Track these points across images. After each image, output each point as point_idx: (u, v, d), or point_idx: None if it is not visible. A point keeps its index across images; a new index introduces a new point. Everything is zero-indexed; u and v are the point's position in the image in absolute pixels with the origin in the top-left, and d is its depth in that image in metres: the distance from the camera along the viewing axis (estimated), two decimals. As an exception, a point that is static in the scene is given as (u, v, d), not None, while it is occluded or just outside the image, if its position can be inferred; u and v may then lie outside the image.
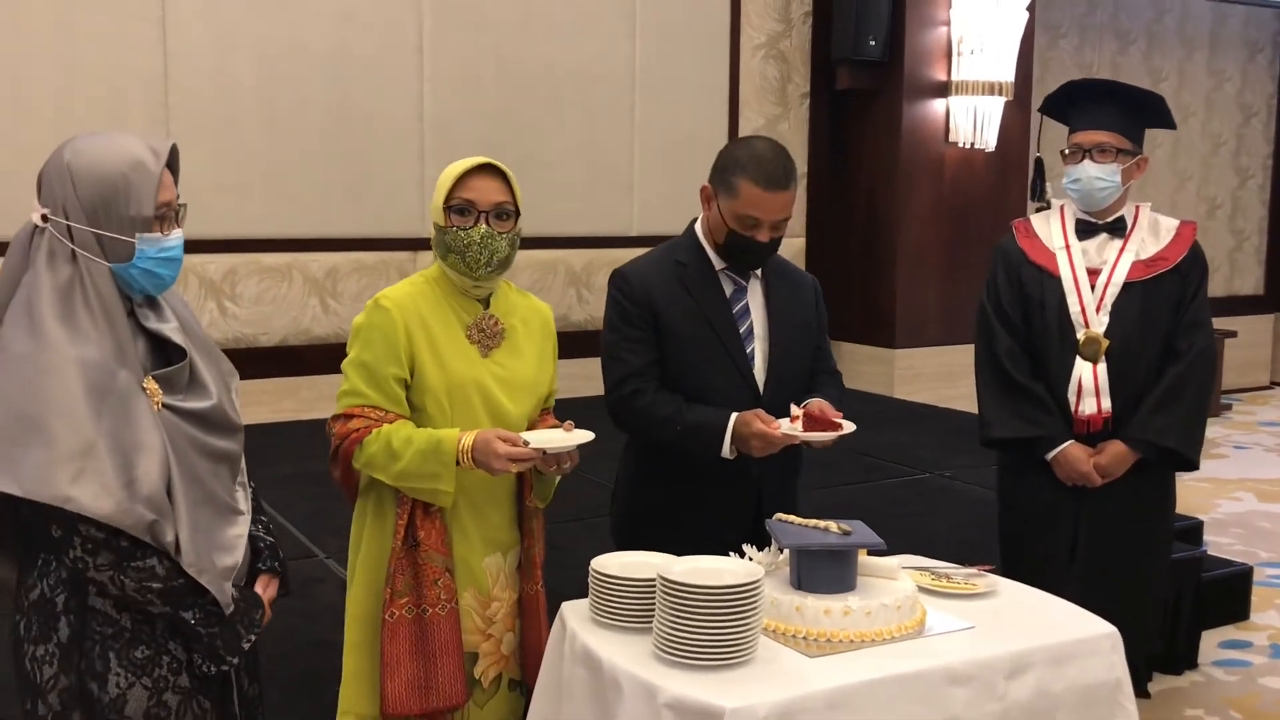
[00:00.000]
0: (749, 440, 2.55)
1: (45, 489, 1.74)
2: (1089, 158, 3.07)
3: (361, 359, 2.33)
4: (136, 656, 1.87)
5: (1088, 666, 2.22)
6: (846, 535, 2.23)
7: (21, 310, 1.82)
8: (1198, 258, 3.17)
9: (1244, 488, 6.73)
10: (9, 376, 1.78)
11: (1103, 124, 3.07)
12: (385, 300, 2.35)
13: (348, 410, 2.33)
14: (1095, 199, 3.10)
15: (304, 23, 6.08)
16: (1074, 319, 3.09)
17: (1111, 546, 3.10)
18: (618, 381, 2.66)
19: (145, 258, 1.88)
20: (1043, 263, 3.15)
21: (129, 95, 5.69)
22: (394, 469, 2.28)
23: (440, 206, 2.35)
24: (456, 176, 2.34)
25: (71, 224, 1.85)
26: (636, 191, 7.06)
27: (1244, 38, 9.81)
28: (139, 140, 1.90)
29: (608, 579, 2.17)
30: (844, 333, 7.73)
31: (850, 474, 5.18)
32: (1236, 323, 9.46)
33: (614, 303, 2.70)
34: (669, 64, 7.06)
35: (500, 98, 6.57)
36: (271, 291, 6.13)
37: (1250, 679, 4.14)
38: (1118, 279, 3.09)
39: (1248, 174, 10.07)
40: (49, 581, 1.86)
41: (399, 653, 2.30)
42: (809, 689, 1.96)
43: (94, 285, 1.84)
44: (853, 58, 7.24)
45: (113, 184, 1.85)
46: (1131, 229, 3.15)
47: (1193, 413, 3.08)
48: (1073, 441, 3.07)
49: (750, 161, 2.57)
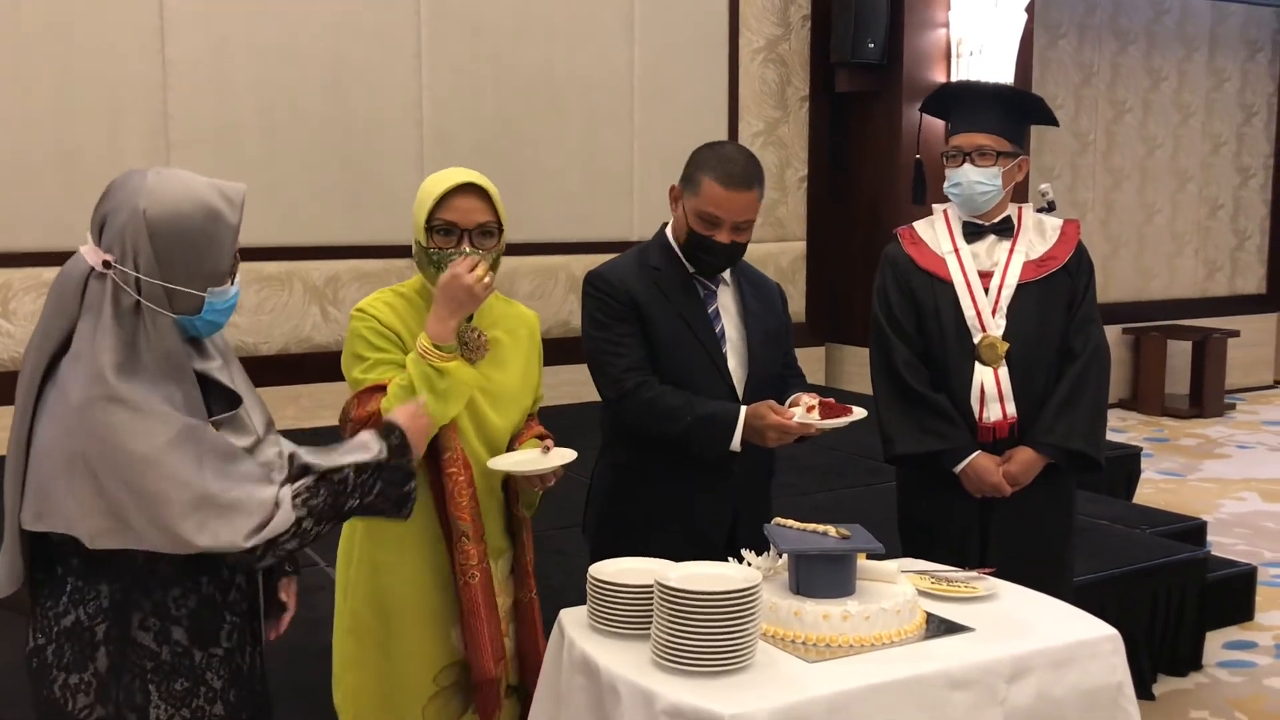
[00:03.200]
0: (764, 432, 2.55)
1: (180, 547, 1.73)
2: (969, 161, 2.99)
3: (355, 352, 2.32)
4: (176, 689, 1.86)
5: (1089, 669, 2.21)
6: (845, 539, 2.22)
7: (87, 365, 1.74)
8: (1084, 256, 3.10)
9: (1248, 488, 6.71)
10: (99, 443, 1.72)
11: (982, 126, 2.99)
12: (367, 307, 2.35)
13: (357, 395, 2.29)
14: (976, 203, 3.03)
15: (302, 30, 6.08)
16: (970, 324, 3.00)
17: (1018, 563, 2.87)
18: (619, 376, 2.63)
19: (212, 310, 1.84)
20: (932, 269, 3.07)
21: (127, 104, 5.69)
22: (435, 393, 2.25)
23: (421, 225, 2.32)
24: (438, 197, 2.30)
25: (141, 276, 1.76)
26: (636, 196, 7.06)
27: (1244, 37, 9.81)
28: (211, 185, 1.82)
29: (605, 585, 2.16)
30: (844, 335, 7.73)
31: (851, 477, 5.17)
32: (1239, 322, 9.45)
33: (597, 302, 2.68)
34: (668, 68, 7.07)
35: (499, 104, 6.58)
36: (272, 300, 6.13)
37: (1255, 680, 4.13)
38: (1010, 280, 3.02)
39: (1249, 173, 10.06)
40: (87, 610, 1.83)
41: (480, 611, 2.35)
42: (808, 695, 1.95)
43: (159, 337, 1.77)
44: (852, 61, 7.24)
45: (193, 240, 1.78)
46: (1018, 230, 3.08)
47: (1095, 413, 3.01)
48: (980, 452, 2.97)
49: (715, 160, 2.60)
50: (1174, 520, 4.92)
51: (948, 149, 3.05)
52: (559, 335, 6.76)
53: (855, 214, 7.69)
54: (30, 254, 5.49)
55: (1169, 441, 8.02)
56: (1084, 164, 9.14)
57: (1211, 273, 9.94)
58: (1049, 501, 3.04)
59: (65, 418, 1.75)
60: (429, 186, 2.35)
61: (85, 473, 1.74)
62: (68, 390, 1.75)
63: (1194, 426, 8.52)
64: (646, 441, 2.67)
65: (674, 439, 2.62)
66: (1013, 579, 2.51)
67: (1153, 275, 9.59)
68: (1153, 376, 8.94)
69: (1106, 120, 9.22)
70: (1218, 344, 8.95)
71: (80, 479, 1.74)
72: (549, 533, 4.24)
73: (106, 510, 1.73)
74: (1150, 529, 4.67)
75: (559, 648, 2.21)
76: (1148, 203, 9.51)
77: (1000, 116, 3.02)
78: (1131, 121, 9.34)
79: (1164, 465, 7.25)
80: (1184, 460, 7.44)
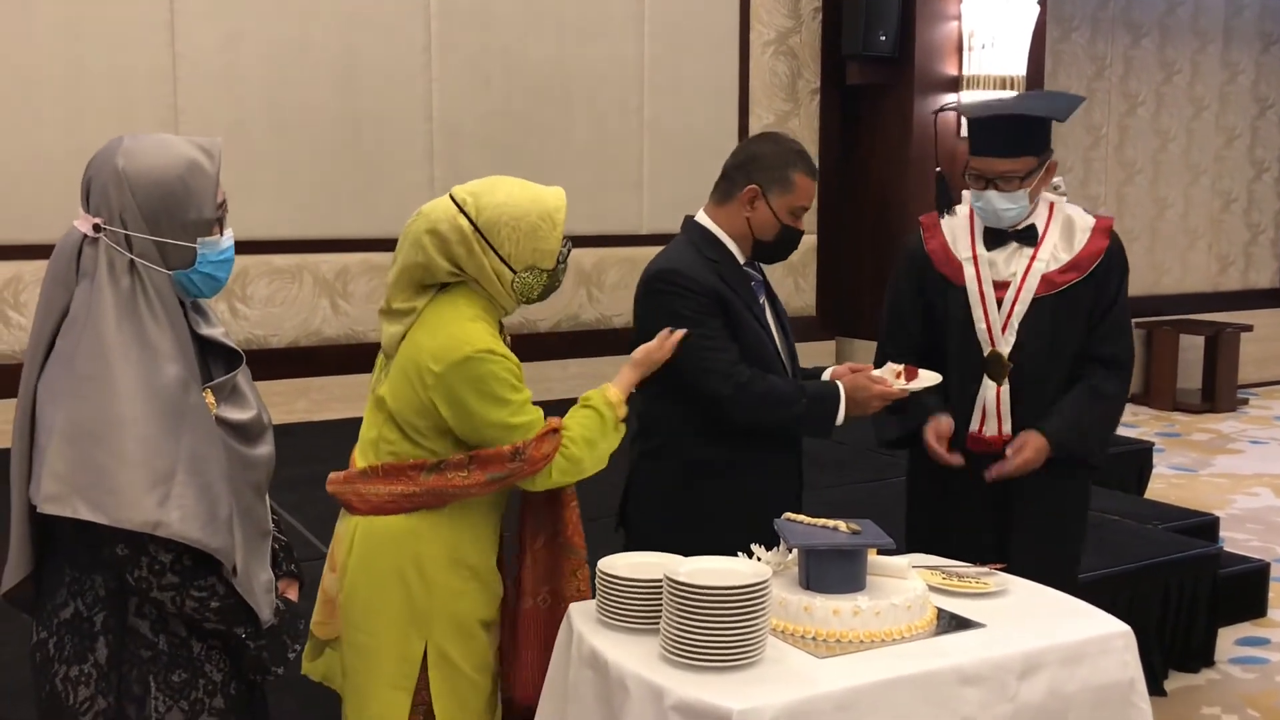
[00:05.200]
0: (869, 402, 2.65)
1: (135, 515, 1.71)
2: (993, 187, 2.84)
3: (498, 395, 2.24)
4: (174, 680, 1.86)
5: (1101, 666, 2.20)
6: (855, 534, 2.21)
7: (84, 327, 1.75)
8: (1114, 258, 2.95)
9: (1261, 483, 6.68)
10: (82, 400, 1.73)
11: (1003, 151, 2.82)
12: (496, 348, 2.26)
13: (538, 438, 2.28)
14: (1003, 221, 2.91)
15: (311, 24, 6.07)
16: (980, 336, 2.93)
17: (1030, 559, 2.86)
18: (730, 370, 2.61)
19: (206, 261, 1.85)
20: (948, 272, 2.97)
21: (137, 98, 5.70)
22: (600, 451, 2.36)
23: (556, 251, 2.32)
24: (563, 220, 2.33)
25: (130, 233, 1.79)
26: (646, 190, 7.05)
27: (1258, 29, 9.74)
28: (187, 141, 1.85)
29: (614, 580, 2.15)
30: (854, 328, 7.71)
31: (863, 472, 5.15)
32: (1252, 316, 9.40)
33: (683, 300, 2.62)
34: (678, 62, 7.04)
35: (509, 97, 6.57)
36: (282, 293, 6.13)
37: (1268, 676, 4.10)
38: (1026, 296, 2.90)
39: (1263, 166, 9.99)
40: (85, 600, 1.83)
41: (533, 639, 2.36)
42: (818, 690, 1.94)
43: (157, 295, 1.79)
44: (863, 53, 7.20)
45: (172, 189, 1.80)
46: (1043, 236, 2.92)
47: (1104, 422, 2.98)
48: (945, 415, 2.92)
49: (795, 156, 2.69)
50: (1186, 515, 4.90)
51: (968, 169, 2.91)
52: (568, 329, 6.76)
53: (866, 207, 7.67)
54: (40, 246, 5.42)
55: (1181, 436, 7.98)
56: (1096, 157, 9.09)
57: (1224, 267, 9.89)
58: (1067, 500, 3.01)
59: (67, 386, 1.74)
60: (543, 210, 2.30)
61: (86, 437, 1.73)
62: (67, 356, 1.76)
63: (1206, 421, 8.48)
64: (733, 434, 2.64)
65: (790, 423, 2.68)
66: (1022, 573, 2.50)
67: (1165, 269, 9.54)
68: (1165, 371, 8.90)
69: (1119, 114, 9.17)
70: (1231, 338, 8.90)
71: (81, 445, 1.73)
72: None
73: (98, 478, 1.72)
74: (1162, 524, 4.65)
75: (567, 642, 2.21)
76: (1160, 196, 9.46)
77: (1020, 137, 2.84)
78: (1144, 115, 9.28)
79: (1176, 460, 7.22)
80: (1196, 455, 7.41)
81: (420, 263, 2.28)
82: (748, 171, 2.68)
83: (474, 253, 2.25)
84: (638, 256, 7.26)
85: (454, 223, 2.26)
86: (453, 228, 2.25)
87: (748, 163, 2.69)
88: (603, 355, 6.67)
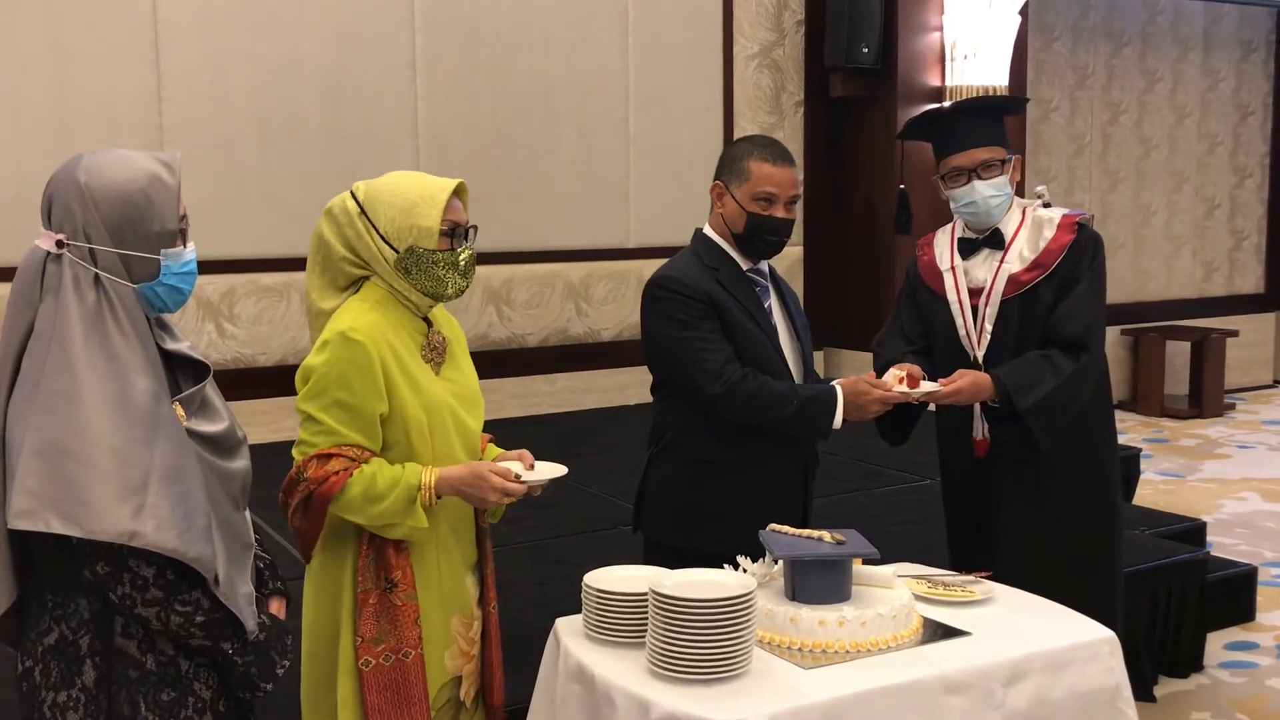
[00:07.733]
0: (869, 406, 2.68)
1: (110, 526, 1.69)
2: (976, 177, 2.96)
3: (338, 399, 2.16)
4: (163, 699, 1.85)
5: (1086, 672, 2.21)
6: (840, 545, 2.22)
7: (50, 343, 1.75)
8: (1081, 248, 2.97)
9: (1248, 487, 6.70)
10: (50, 415, 1.71)
11: (979, 141, 2.97)
12: (355, 333, 2.17)
13: (326, 450, 2.15)
14: (993, 216, 3.00)
15: (297, 40, 6.09)
16: (964, 344, 3.02)
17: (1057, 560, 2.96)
18: (720, 370, 2.65)
19: (170, 273, 1.85)
20: (934, 285, 3.10)
21: (123, 115, 5.70)
22: (375, 511, 2.14)
23: (434, 229, 2.24)
24: (447, 199, 2.27)
25: (94, 247, 1.79)
26: (633, 203, 7.06)
27: (1238, 37, 9.81)
28: (147, 155, 1.87)
29: (600, 594, 2.16)
30: (841, 339, 7.72)
31: (850, 481, 5.16)
32: (1238, 322, 9.45)
33: (677, 305, 2.70)
34: (663, 75, 7.07)
35: (495, 112, 6.58)
36: (270, 311, 6.13)
37: (1257, 681, 4.12)
38: (995, 299, 2.99)
39: (1245, 173, 10.06)
40: (69, 625, 1.82)
41: (383, 702, 2.21)
42: (804, 701, 1.95)
43: (123, 309, 1.79)
44: (846, 65, 7.24)
45: (135, 202, 1.81)
46: (1011, 240, 3.01)
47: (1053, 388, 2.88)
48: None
49: (754, 146, 2.77)
50: (1174, 521, 4.91)
51: (946, 170, 3.01)
52: (556, 343, 6.77)
53: (851, 218, 7.69)
54: (27, 268, 5.48)
55: (1168, 442, 8.01)
56: (1080, 166, 9.14)
57: (1209, 273, 9.94)
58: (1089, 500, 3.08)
59: (35, 403, 1.73)
60: (433, 193, 2.27)
61: (59, 453, 1.72)
62: (34, 373, 1.76)
63: (1193, 427, 8.51)
64: (735, 433, 2.69)
65: (782, 423, 2.69)
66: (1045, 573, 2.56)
67: (1150, 276, 9.58)
68: (1152, 377, 8.94)
69: (1102, 122, 9.22)
70: (1216, 344, 8.95)
71: (54, 461, 1.72)
72: (546, 541, 4.24)
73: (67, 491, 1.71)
74: (1150, 530, 4.67)
75: (554, 657, 2.21)
76: (1144, 204, 9.51)
77: (990, 127, 3.02)
78: (1127, 123, 9.34)
79: (1163, 466, 7.24)
80: (1184, 461, 7.43)
81: (322, 254, 2.33)
82: (719, 168, 2.81)
83: (360, 233, 2.27)
84: (625, 270, 7.30)
85: (344, 204, 2.31)
86: (343, 209, 2.30)
87: (720, 161, 2.82)
88: (591, 369, 6.68)
